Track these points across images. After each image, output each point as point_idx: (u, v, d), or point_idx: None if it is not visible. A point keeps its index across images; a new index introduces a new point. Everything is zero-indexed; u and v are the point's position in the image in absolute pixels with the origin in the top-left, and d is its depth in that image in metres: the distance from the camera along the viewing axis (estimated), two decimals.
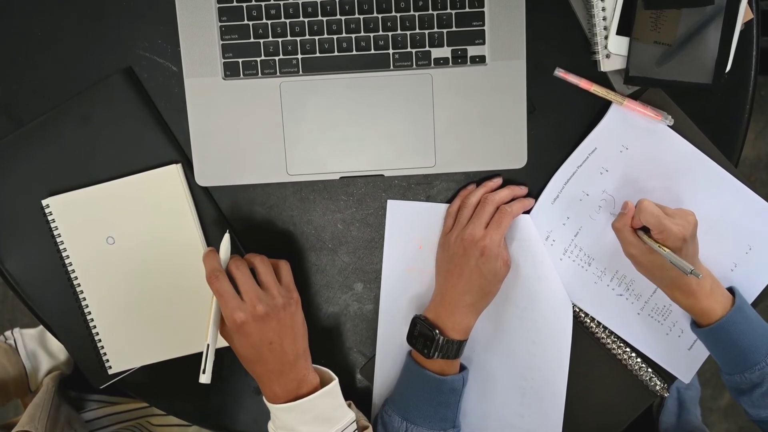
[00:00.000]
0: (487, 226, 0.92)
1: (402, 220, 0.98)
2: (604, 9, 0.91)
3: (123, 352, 0.98)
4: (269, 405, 0.87)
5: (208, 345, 0.85)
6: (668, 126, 0.94)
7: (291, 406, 0.85)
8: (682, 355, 1.00)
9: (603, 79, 0.95)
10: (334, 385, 0.88)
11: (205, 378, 0.84)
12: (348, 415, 0.88)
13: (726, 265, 0.97)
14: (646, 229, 0.88)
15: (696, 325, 0.92)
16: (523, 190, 0.96)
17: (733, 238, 0.98)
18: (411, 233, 0.98)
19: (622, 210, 0.90)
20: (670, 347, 1.00)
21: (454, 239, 0.93)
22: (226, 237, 0.88)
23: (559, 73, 0.95)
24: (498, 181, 0.96)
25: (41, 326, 1.12)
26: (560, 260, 0.98)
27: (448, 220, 0.96)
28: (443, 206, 0.97)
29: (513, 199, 0.95)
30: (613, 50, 0.92)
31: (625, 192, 0.96)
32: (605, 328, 1.00)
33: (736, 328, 0.88)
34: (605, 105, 0.95)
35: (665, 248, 0.84)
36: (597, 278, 0.98)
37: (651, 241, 0.86)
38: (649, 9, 0.89)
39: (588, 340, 1.00)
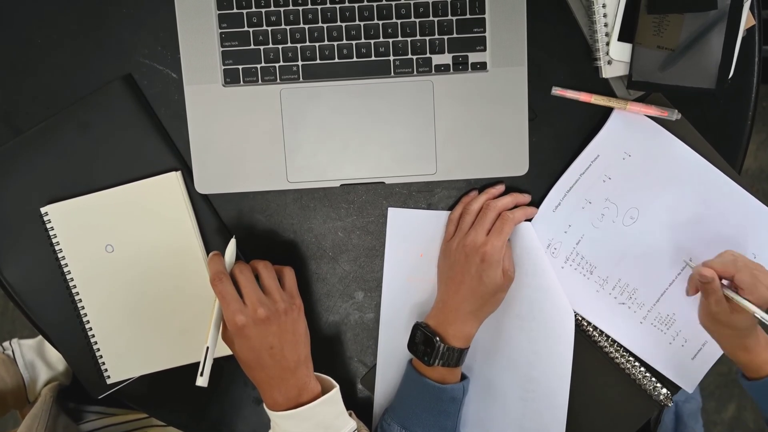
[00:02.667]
0: (489, 232, 0.92)
1: (403, 228, 0.97)
2: (605, 15, 0.91)
3: (121, 362, 0.97)
4: (269, 412, 0.86)
5: (208, 348, 0.84)
6: (670, 132, 0.94)
7: (292, 414, 0.84)
8: (686, 365, 1.00)
9: (605, 86, 0.95)
10: (335, 392, 0.87)
11: (202, 381, 0.84)
12: (349, 423, 0.88)
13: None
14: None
15: (746, 378, 0.92)
16: (526, 197, 0.96)
17: (737, 247, 0.97)
18: (412, 241, 0.97)
19: (704, 280, 0.86)
20: (674, 356, 0.99)
21: (455, 246, 0.92)
22: (232, 242, 0.88)
23: (557, 91, 0.94)
24: (500, 188, 0.96)
25: (40, 336, 1.11)
26: (562, 268, 0.97)
27: (450, 226, 0.96)
28: (444, 213, 0.97)
29: (516, 207, 0.95)
30: (615, 56, 0.91)
31: (628, 200, 0.96)
32: (608, 336, 0.99)
33: None
34: (608, 112, 0.95)
35: (753, 306, 0.84)
36: (599, 287, 0.98)
37: (744, 301, 0.84)
38: (652, 13, 0.89)
39: (591, 349, 0.99)
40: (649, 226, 0.96)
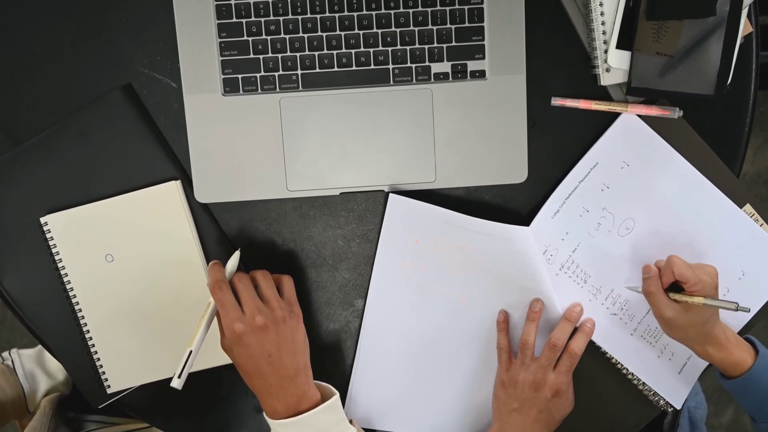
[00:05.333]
0: (556, 366, 0.94)
1: (402, 217, 0.95)
2: (603, 23, 0.91)
3: (122, 371, 0.97)
4: (269, 421, 0.86)
5: (191, 352, 0.85)
6: (672, 137, 0.94)
7: (292, 422, 0.84)
8: (672, 379, 1.00)
9: (603, 94, 0.95)
10: (335, 400, 0.87)
11: (178, 383, 0.85)
12: (349, 430, 0.88)
13: (719, 290, 0.97)
14: (673, 289, 0.89)
15: (724, 377, 0.93)
16: (587, 325, 0.97)
17: (728, 263, 0.97)
18: (409, 229, 0.96)
19: (646, 274, 0.90)
20: (662, 370, 1.00)
21: (521, 379, 0.94)
22: (236, 254, 0.88)
23: (557, 101, 0.95)
24: (538, 305, 0.96)
25: (39, 346, 1.11)
26: (556, 275, 0.97)
27: (502, 355, 0.97)
28: (444, 211, 0.94)
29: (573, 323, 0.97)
30: (613, 64, 0.92)
31: (624, 211, 0.96)
32: None
33: (766, 375, 0.89)
34: (606, 120, 0.95)
35: (701, 297, 0.85)
36: (592, 296, 0.98)
37: (686, 296, 0.86)
38: (652, 20, 0.89)
39: (592, 353, 0.99)
40: (644, 238, 0.97)
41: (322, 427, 0.86)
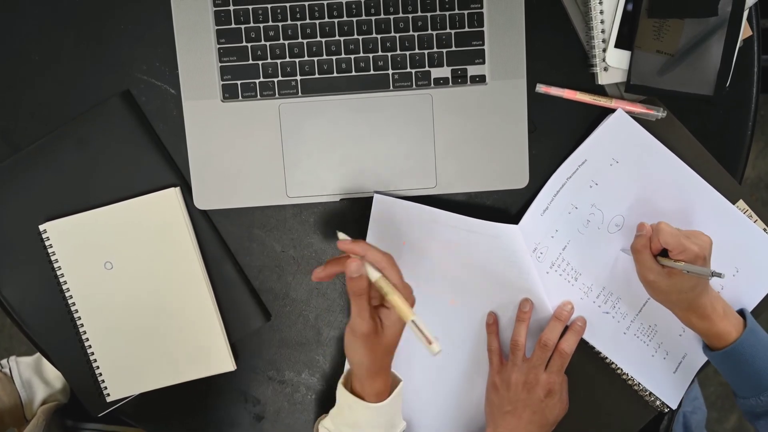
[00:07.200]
0: (547, 366, 0.94)
1: (387, 215, 0.95)
2: (602, 22, 0.91)
3: (121, 379, 0.96)
4: (352, 400, 0.84)
5: (414, 321, 0.77)
6: (667, 139, 0.94)
7: (380, 406, 0.84)
8: (667, 378, 0.99)
9: (601, 93, 0.95)
10: (402, 386, 0.87)
11: (437, 347, 0.76)
12: (402, 423, 0.89)
13: (713, 287, 0.96)
14: (662, 254, 0.87)
15: (708, 348, 0.92)
16: (579, 324, 0.96)
17: (721, 260, 0.96)
18: (396, 229, 0.95)
19: (638, 232, 0.89)
20: (656, 369, 0.99)
21: (515, 380, 0.93)
22: (344, 235, 0.83)
23: (541, 88, 0.94)
24: (528, 305, 0.95)
25: (37, 354, 1.10)
26: (547, 273, 0.96)
27: (493, 357, 0.96)
28: (430, 209, 0.94)
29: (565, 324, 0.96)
30: (612, 63, 0.91)
31: (614, 208, 0.96)
32: None
33: (750, 350, 0.87)
34: None
35: (682, 262, 0.84)
36: (583, 294, 0.97)
37: (670, 261, 0.85)
38: (653, 17, 0.89)
39: (587, 354, 0.98)
40: (634, 235, 0.96)
41: (392, 415, 0.86)
